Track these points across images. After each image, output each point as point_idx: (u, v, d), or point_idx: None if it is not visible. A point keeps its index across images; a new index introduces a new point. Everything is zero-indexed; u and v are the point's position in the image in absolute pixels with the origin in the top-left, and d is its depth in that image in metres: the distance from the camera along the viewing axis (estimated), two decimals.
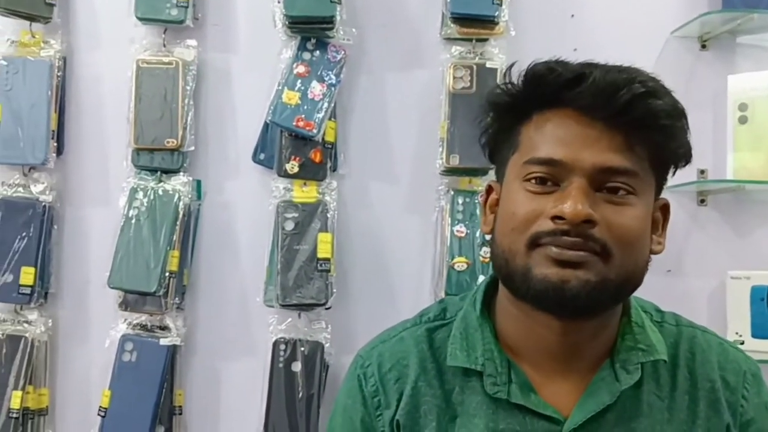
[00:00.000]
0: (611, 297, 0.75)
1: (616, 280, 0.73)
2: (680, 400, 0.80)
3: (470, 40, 1.48)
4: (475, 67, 1.46)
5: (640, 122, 0.74)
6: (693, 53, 1.52)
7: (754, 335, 1.39)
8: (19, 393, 1.42)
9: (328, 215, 1.47)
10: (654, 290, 0.87)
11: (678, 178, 1.45)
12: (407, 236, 1.50)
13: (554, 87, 0.75)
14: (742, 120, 1.43)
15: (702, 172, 1.49)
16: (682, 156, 0.79)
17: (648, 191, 0.77)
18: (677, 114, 0.76)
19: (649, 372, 0.81)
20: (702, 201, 1.51)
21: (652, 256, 0.80)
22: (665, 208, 0.83)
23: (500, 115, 0.82)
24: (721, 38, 1.51)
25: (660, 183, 0.81)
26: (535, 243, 0.74)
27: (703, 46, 1.52)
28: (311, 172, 1.47)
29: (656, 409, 0.79)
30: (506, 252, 0.76)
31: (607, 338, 0.80)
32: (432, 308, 0.91)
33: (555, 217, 0.73)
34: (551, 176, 0.75)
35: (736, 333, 1.41)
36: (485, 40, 1.48)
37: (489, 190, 0.85)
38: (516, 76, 0.80)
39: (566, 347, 0.79)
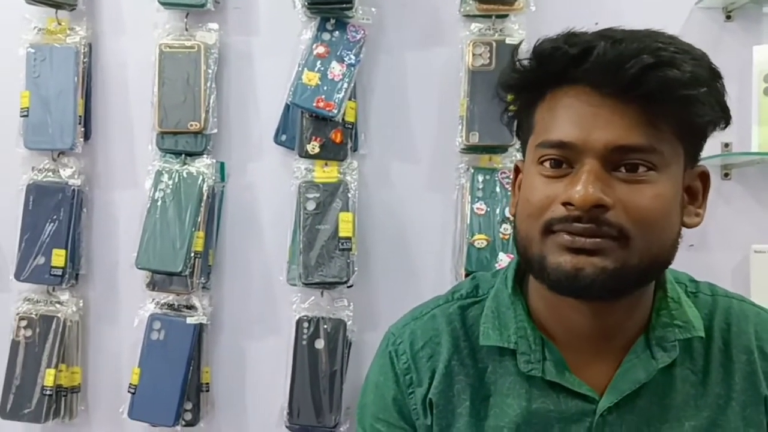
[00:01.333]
0: (635, 281, 0.72)
1: (638, 264, 0.70)
2: (715, 373, 0.78)
3: (490, 16, 1.47)
4: (494, 43, 1.46)
5: (654, 95, 0.68)
6: (718, 24, 1.49)
7: None
8: (52, 371, 1.47)
9: (349, 195, 1.48)
10: (677, 265, 0.84)
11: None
12: (427, 214, 1.51)
13: (561, 65, 0.71)
14: (767, 92, 1.41)
15: (726, 145, 1.46)
16: (711, 123, 0.73)
17: (674, 164, 0.72)
18: (698, 81, 0.69)
19: (682, 346, 0.78)
20: (726, 175, 1.49)
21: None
22: (704, 177, 0.77)
23: (515, 95, 0.78)
24: (747, 8, 1.48)
25: (693, 152, 0.75)
26: (548, 230, 0.71)
27: (728, 17, 1.49)
28: (332, 153, 1.49)
29: (690, 385, 0.78)
30: (524, 239, 0.74)
31: (641, 315, 0.78)
32: (464, 285, 0.89)
33: (566, 203, 0.70)
34: (564, 158, 0.72)
35: (762, 306, 1.39)
36: (505, 16, 1.47)
37: (517, 170, 0.82)
38: (526, 54, 0.76)
39: (598, 328, 0.77)
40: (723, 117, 0.74)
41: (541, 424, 0.78)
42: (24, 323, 1.49)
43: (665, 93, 0.68)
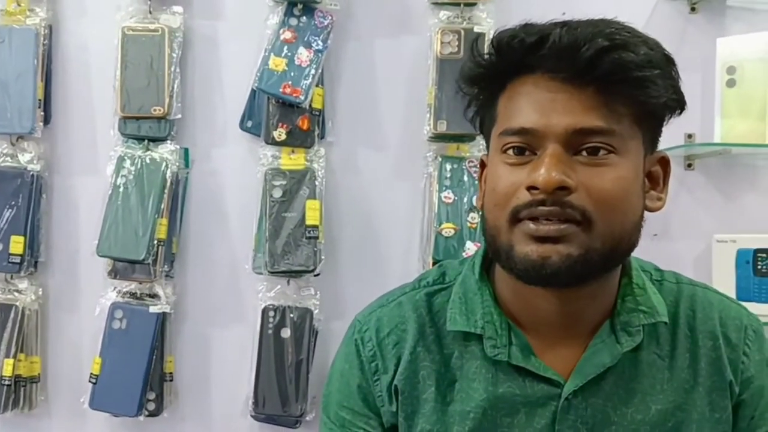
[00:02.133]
0: (599, 266, 0.73)
1: (601, 248, 0.71)
2: (681, 358, 0.80)
3: (458, 4, 1.47)
4: (462, 32, 1.45)
5: (610, 77, 0.70)
6: (683, 16, 1.51)
7: (740, 298, 1.40)
8: (10, 361, 1.43)
9: (316, 182, 1.47)
10: (640, 254, 0.86)
11: (665, 142, 1.46)
12: (395, 203, 1.50)
13: (519, 53, 0.72)
14: (731, 83, 1.43)
15: (689, 136, 1.48)
16: (668, 106, 0.74)
17: (634, 148, 0.73)
18: (652, 63, 0.71)
19: (649, 331, 0.79)
20: (689, 165, 1.51)
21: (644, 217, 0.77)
22: (664, 162, 0.79)
23: (477, 87, 0.79)
24: (711, 1, 1.49)
25: (652, 137, 0.77)
26: (515, 218, 0.72)
27: (693, 9, 1.51)
28: (299, 140, 1.47)
29: (656, 369, 0.79)
30: (492, 228, 0.75)
31: (606, 301, 0.79)
32: (431, 272, 0.89)
33: (530, 188, 0.71)
34: (527, 145, 0.73)
35: (725, 294, 1.42)
36: (473, 4, 1.47)
37: (482, 164, 0.83)
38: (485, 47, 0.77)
39: (563, 314, 0.78)
40: (677, 101, 0.75)
41: (507, 408, 0.79)
42: None
43: (620, 74, 0.70)
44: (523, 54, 0.72)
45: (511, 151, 0.74)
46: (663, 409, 0.78)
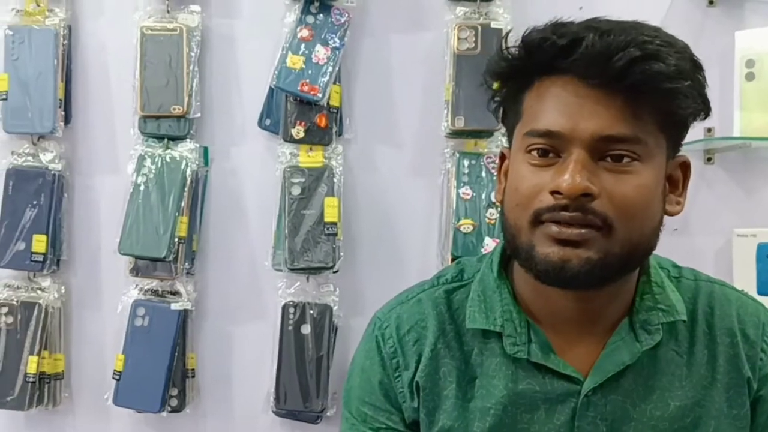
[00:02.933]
0: (618, 270, 0.74)
1: (620, 253, 0.72)
2: (699, 355, 0.80)
3: (475, 0, 1.47)
4: (479, 27, 1.45)
5: (640, 87, 0.70)
6: (701, 9, 1.50)
7: (760, 292, 1.39)
8: (35, 358, 1.45)
9: (335, 179, 1.47)
10: (661, 249, 0.86)
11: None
12: (413, 199, 1.51)
13: (550, 55, 0.73)
14: (750, 77, 1.42)
15: (709, 130, 1.47)
16: (693, 114, 0.75)
17: (658, 155, 0.74)
18: (682, 74, 0.71)
19: (667, 329, 0.80)
20: (709, 159, 1.50)
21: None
22: (685, 166, 0.80)
23: (502, 82, 0.80)
24: None
25: (675, 142, 0.77)
26: (537, 220, 0.73)
27: (711, 2, 1.50)
28: (317, 137, 1.48)
29: (675, 366, 0.79)
30: (513, 227, 0.76)
31: (625, 299, 0.80)
32: (449, 270, 0.90)
33: (554, 192, 0.72)
34: (552, 147, 0.73)
35: (742, 291, 1.41)
36: (490, 0, 1.47)
37: (502, 156, 0.84)
38: (514, 42, 0.77)
39: (583, 313, 0.79)
40: (704, 109, 0.76)
41: (527, 404, 0.79)
42: (5, 310, 1.47)
43: (651, 85, 0.70)
44: (553, 56, 0.73)
45: (535, 152, 0.74)
46: (681, 405, 0.79)
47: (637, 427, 0.78)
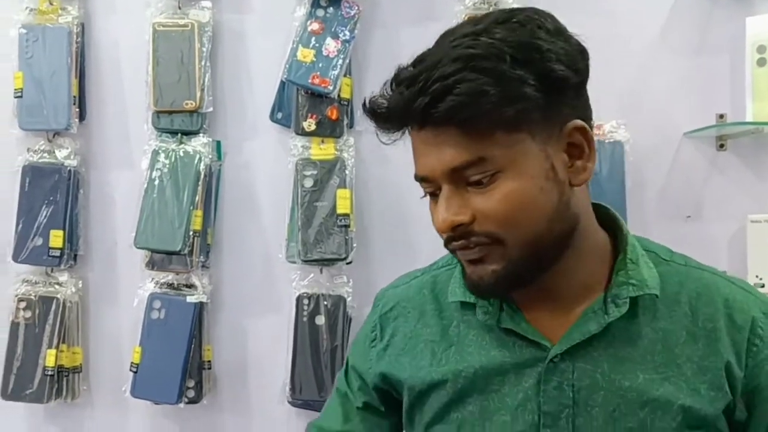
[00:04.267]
0: (531, 267, 0.77)
1: (522, 255, 0.75)
2: (677, 335, 0.81)
3: None
4: None
5: (450, 122, 0.72)
6: None
7: None
8: (53, 351, 1.47)
9: (346, 171, 1.48)
10: (675, 236, 0.87)
11: (696, 122, 1.46)
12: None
13: (384, 118, 0.77)
14: (761, 62, 1.41)
15: (721, 116, 1.47)
16: (527, 97, 0.72)
17: (522, 152, 0.74)
18: (485, 89, 0.71)
19: (647, 305, 0.81)
20: (721, 146, 1.50)
21: (667, 199, 0.80)
22: (582, 130, 0.77)
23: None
24: None
25: (547, 121, 0.75)
26: (449, 248, 0.79)
27: None
28: (328, 130, 1.49)
29: (649, 341, 0.80)
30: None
31: (588, 274, 0.82)
32: (446, 257, 0.94)
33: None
34: (433, 188, 0.78)
35: (757, 276, 1.41)
36: None
37: None
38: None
39: (543, 291, 0.81)
40: (539, 84, 0.73)
41: (497, 369, 0.82)
42: (23, 305, 1.49)
43: (455, 116, 0.72)
44: (384, 121, 0.77)
45: (427, 195, 0.80)
46: (651, 379, 0.80)
47: (606, 396, 0.80)
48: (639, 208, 1.45)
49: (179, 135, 1.51)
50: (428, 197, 0.80)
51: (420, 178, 0.78)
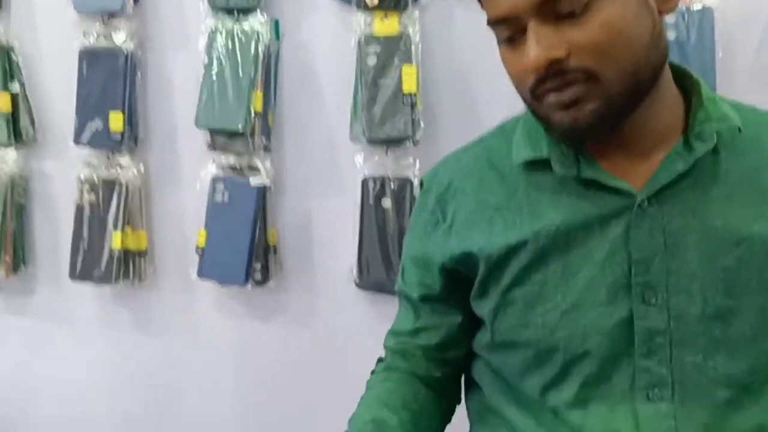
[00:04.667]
0: (632, 99, 0.73)
1: (622, 88, 0.71)
2: (765, 171, 0.78)
3: None
4: None
5: None
6: None
7: None
8: (118, 233, 1.47)
9: (412, 47, 1.42)
10: None
11: None
12: (496, 65, 1.43)
13: None
14: None
15: None
16: None
17: None
18: None
19: (731, 143, 0.78)
20: None
21: (762, 69, 0.75)
22: None
23: None
24: None
25: None
26: (535, 95, 0.73)
27: None
28: (392, 2, 1.42)
29: (737, 179, 0.77)
30: (525, 102, 0.76)
31: (669, 114, 0.78)
32: (489, 130, 0.91)
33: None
34: (512, 30, 0.72)
35: None
36: None
37: None
38: None
39: (621, 140, 0.77)
40: None
41: (580, 223, 0.78)
42: (87, 188, 1.49)
43: None
44: None
45: (504, 40, 0.74)
46: (743, 216, 0.76)
47: (699, 237, 0.76)
48: (730, 79, 1.36)
49: (236, 12, 1.45)
50: (501, 48, 0.75)
51: (498, 20, 0.72)
